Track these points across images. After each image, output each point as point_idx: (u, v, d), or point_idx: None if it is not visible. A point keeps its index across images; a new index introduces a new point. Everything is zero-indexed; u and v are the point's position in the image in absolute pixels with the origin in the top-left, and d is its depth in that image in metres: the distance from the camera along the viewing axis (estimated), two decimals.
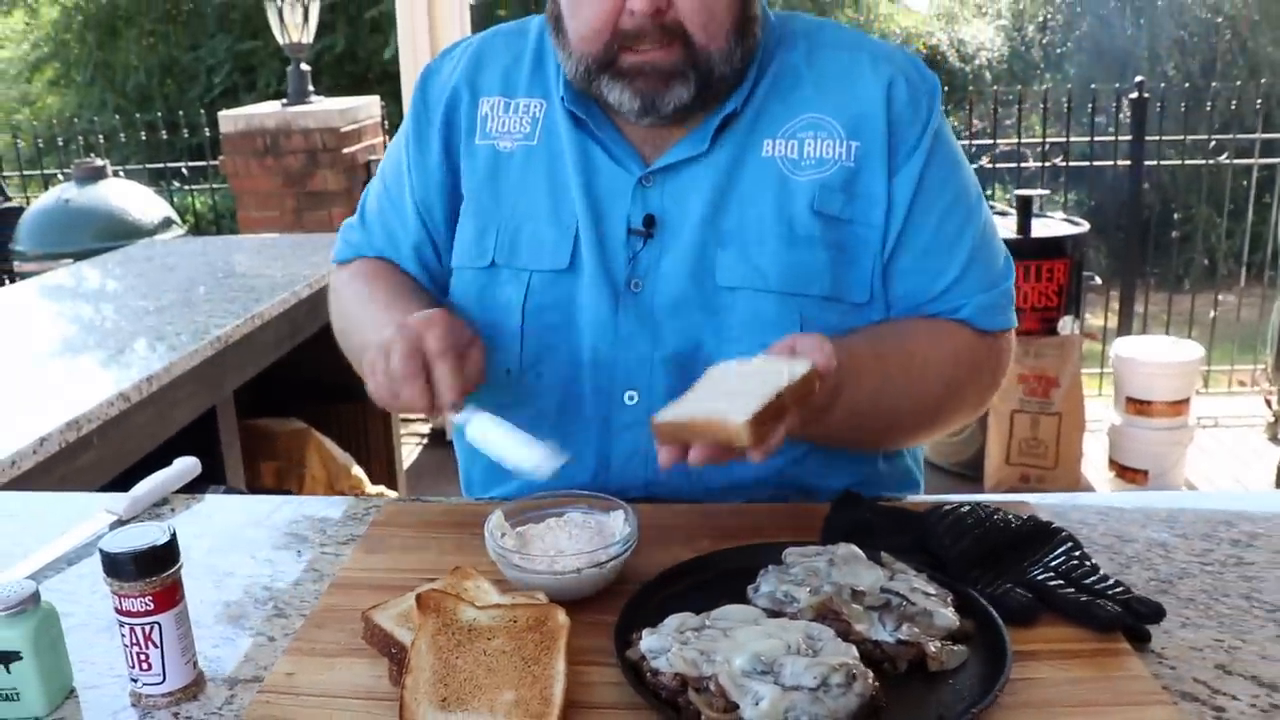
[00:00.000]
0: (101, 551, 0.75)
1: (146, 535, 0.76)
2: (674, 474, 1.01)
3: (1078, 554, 0.85)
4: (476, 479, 1.22)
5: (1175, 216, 5.35)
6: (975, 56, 8.84)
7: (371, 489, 2.88)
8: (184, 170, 4.95)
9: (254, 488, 2.47)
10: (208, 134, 5.13)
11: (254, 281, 2.41)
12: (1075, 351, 3.62)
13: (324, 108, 4.32)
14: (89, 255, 3.33)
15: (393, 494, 3.01)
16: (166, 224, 4.23)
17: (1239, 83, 5.67)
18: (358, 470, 2.85)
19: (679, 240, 1.07)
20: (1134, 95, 4.17)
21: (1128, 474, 3.72)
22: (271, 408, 2.79)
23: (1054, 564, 0.83)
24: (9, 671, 0.76)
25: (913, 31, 9.18)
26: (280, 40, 4.40)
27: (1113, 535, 1.00)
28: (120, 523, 1.10)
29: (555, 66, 1.13)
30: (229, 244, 3.06)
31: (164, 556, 0.76)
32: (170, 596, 0.77)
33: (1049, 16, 8.97)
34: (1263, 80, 6.75)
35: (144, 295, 2.30)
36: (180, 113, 6.36)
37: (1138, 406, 3.67)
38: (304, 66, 4.42)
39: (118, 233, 4.02)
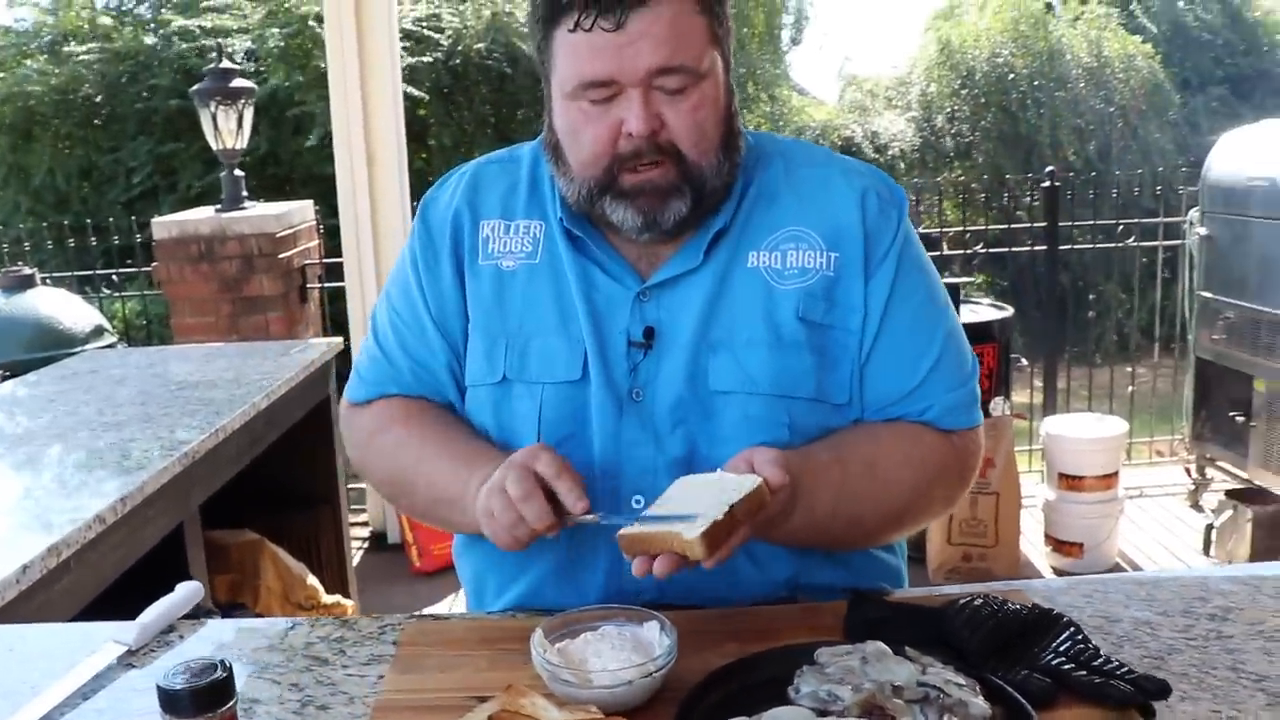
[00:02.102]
0: (160, 689, 0.76)
1: (202, 670, 0.77)
2: (684, 578, 1.06)
3: (1080, 637, 0.91)
4: (491, 587, 1.23)
5: (1090, 297, 5.63)
6: (889, 147, 9.23)
7: (327, 598, 2.83)
8: (114, 276, 4.88)
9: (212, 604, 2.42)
10: (137, 238, 5.09)
11: (209, 393, 2.40)
12: (1008, 431, 3.76)
13: (259, 213, 4.34)
14: (20, 366, 3.26)
15: (349, 602, 2.96)
16: (98, 332, 4.15)
17: (1140, 171, 6.02)
18: (313, 580, 2.81)
19: (675, 349, 1.13)
20: (1046, 183, 4.42)
21: (1064, 548, 3.84)
22: (219, 519, 2.74)
23: (1062, 649, 0.89)
24: None
25: (827, 124, 9.55)
26: (214, 146, 4.41)
27: (1100, 616, 1.07)
28: (130, 653, 1.10)
29: (550, 190, 1.19)
30: (173, 354, 3.03)
31: (223, 690, 0.77)
32: None
33: (955, 108, 9.44)
34: (1159, 168, 7.19)
35: (99, 410, 2.27)
36: (98, 217, 6.30)
37: (1070, 482, 3.81)
38: (238, 172, 4.44)
39: (48, 343, 3.94)
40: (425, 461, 1.18)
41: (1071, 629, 0.92)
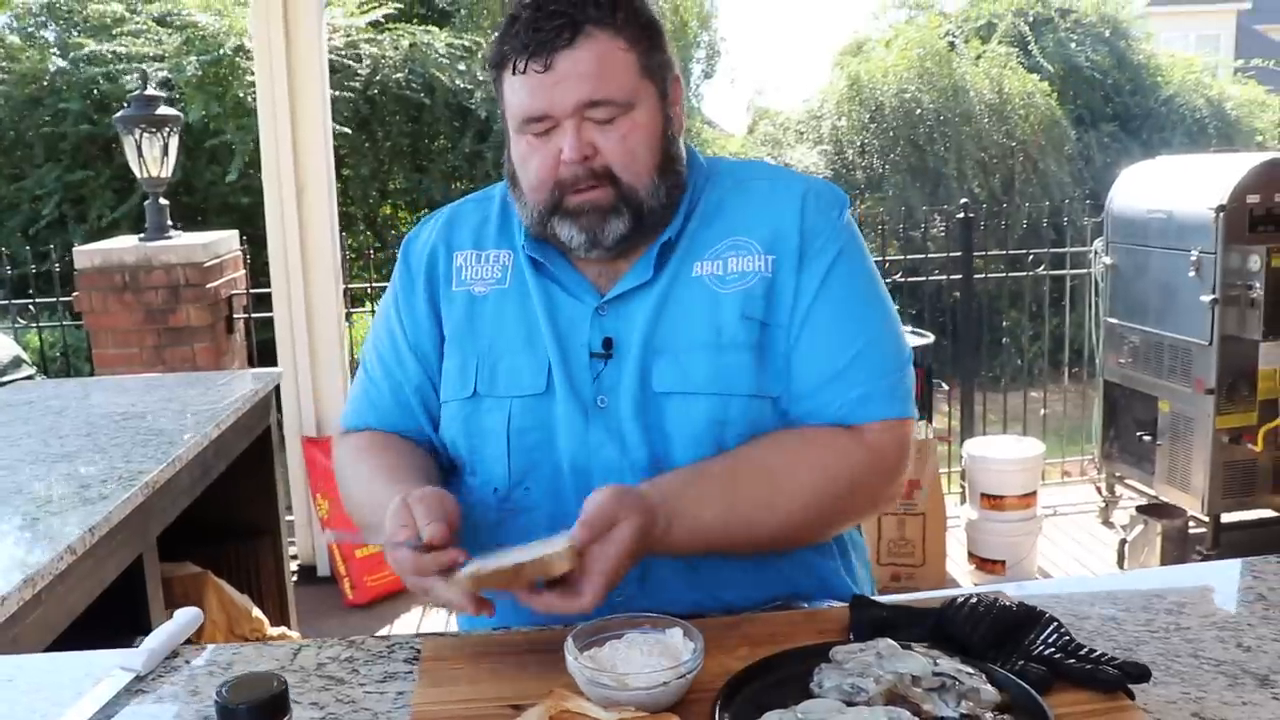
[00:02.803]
0: (219, 705, 0.78)
1: (257, 685, 0.80)
2: (663, 589, 1.18)
3: (1063, 631, 0.99)
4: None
5: (1003, 324, 5.87)
6: None
7: (273, 630, 2.80)
8: (30, 306, 4.74)
9: None
10: (33, 269, 4.94)
11: (158, 423, 2.37)
12: (933, 454, 3.91)
13: (185, 242, 4.27)
14: None
15: (294, 634, 2.93)
16: (16, 364, 4.01)
17: (1042, 204, 6.31)
18: (258, 612, 2.77)
19: (629, 357, 1.22)
20: (960, 215, 4.61)
21: (987, 565, 4.00)
22: (160, 553, 2.70)
23: (1051, 640, 0.96)
24: None
25: (740, 156, 9.77)
26: (138, 174, 4.33)
27: (1070, 615, 1.15)
28: (138, 679, 1.10)
29: (518, 223, 1.29)
30: (110, 384, 2.97)
31: (280, 705, 0.79)
32: None
33: (865, 141, 9.74)
34: (1058, 200, 7.54)
35: (43, 441, 2.23)
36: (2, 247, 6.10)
37: (991, 501, 3.97)
38: (162, 201, 4.36)
39: None
40: (361, 497, 1.27)
41: (1055, 624, 1.00)
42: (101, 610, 1.78)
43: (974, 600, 1.01)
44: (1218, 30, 21.43)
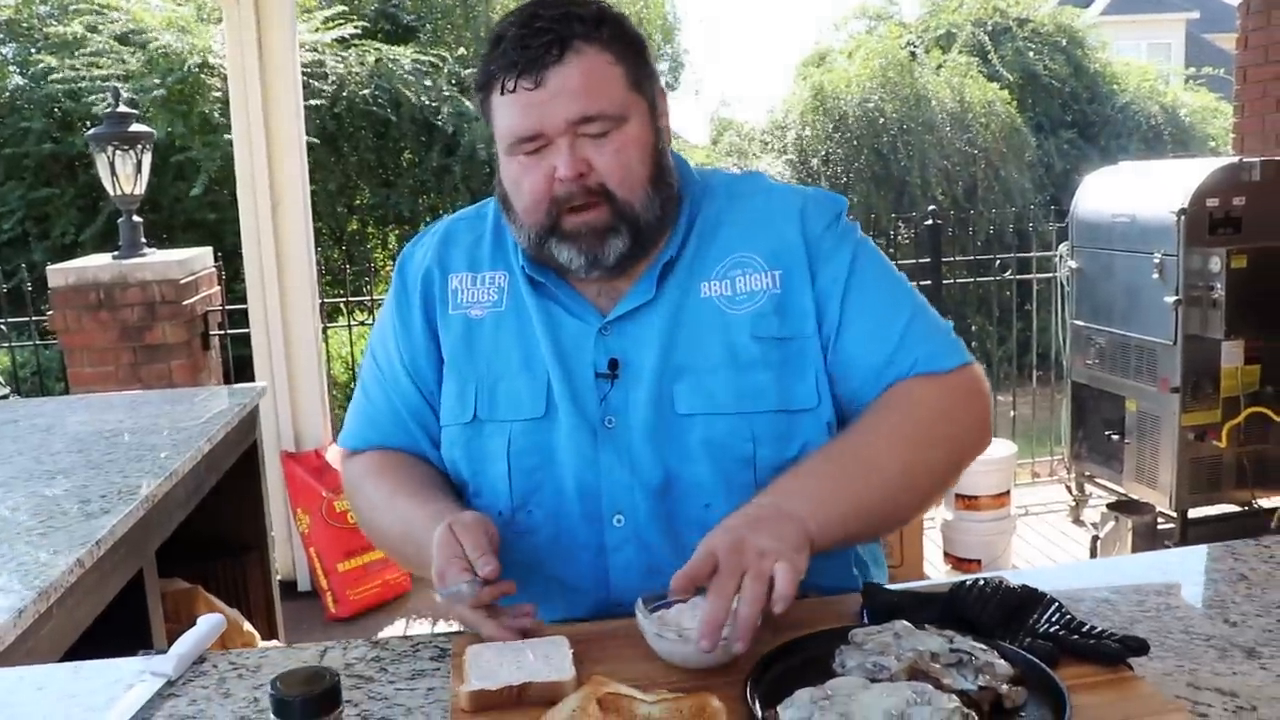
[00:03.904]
0: (273, 697, 0.81)
1: (310, 679, 0.83)
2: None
3: (1064, 610, 1.05)
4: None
5: (972, 328, 5.98)
6: None
7: (265, 644, 2.80)
8: (2, 327, 4.70)
9: None
10: (2, 287, 4.89)
11: (149, 439, 2.38)
12: None
13: (161, 259, 4.27)
14: None
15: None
16: None
17: (1006, 210, 6.44)
18: (249, 626, 2.78)
19: (641, 378, 1.23)
20: (929, 221, 4.71)
21: (963, 565, 4.07)
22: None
23: (1054, 619, 1.02)
24: None
25: (705, 166, 9.84)
26: (110, 191, 4.32)
27: (1066, 597, 1.21)
28: (169, 683, 1.13)
29: (512, 241, 1.30)
30: (95, 402, 2.97)
31: (334, 696, 0.82)
32: None
33: (830, 150, 9.86)
34: (1020, 206, 7.69)
35: (36, 459, 2.23)
36: None
37: (966, 502, 4.05)
38: (136, 218, 4.35)
39: None
40: (386, 519, 1.28)
41: (1057, 604, 1.05)
42: (103, 627, 1.79)
43: (981, 583, 1.06)
44: (1169, 39, 21.89)
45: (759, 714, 0.86)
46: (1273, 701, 0.97)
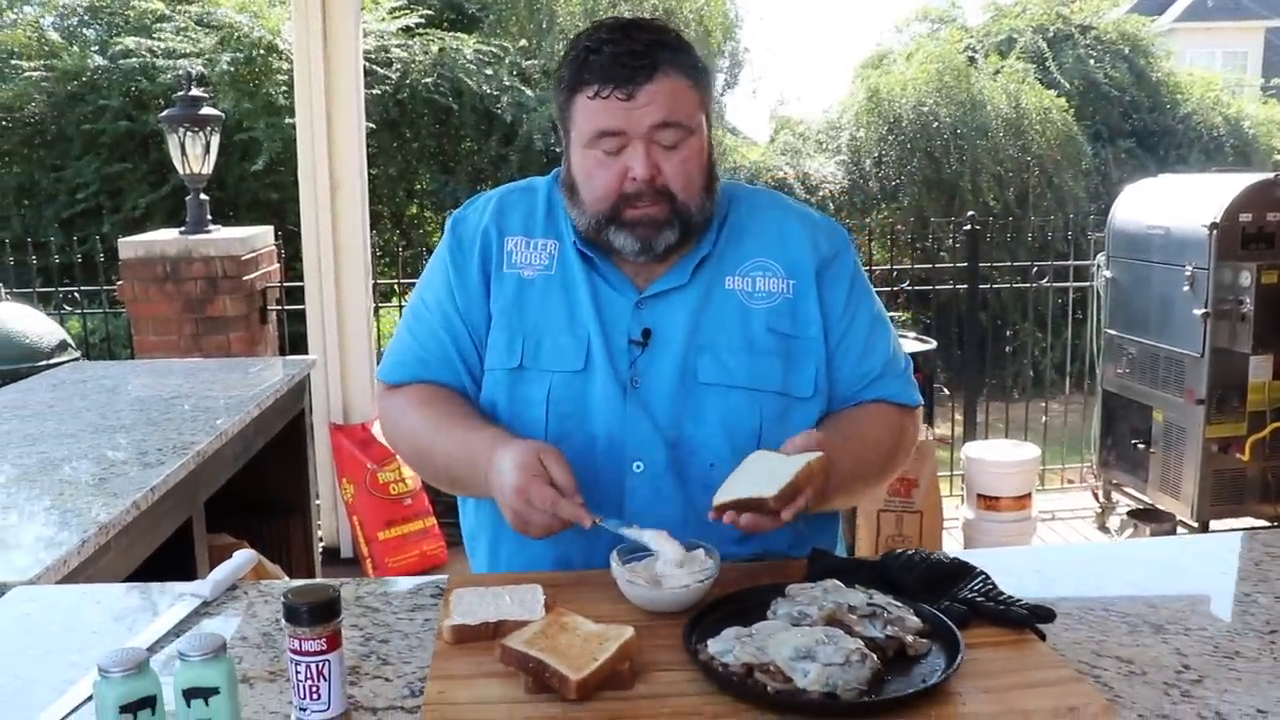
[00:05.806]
0: (285, 605, 0.97)
1: (315, 592, 0.99)
2: (680, 529, 1.32)
3: (990, 582, 1.17)
4: (504, 553, 1.46)
5: (1008, 333, 6.02)
6: (819, 189, 9.65)
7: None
8: (75, 294, 4.98)
9: None
10: (77, 256, 5.18)
11: (204, 401, 2.58)
12: (931, 455, 4.07)
13: (224, 236, 4.49)
14: None
15: None
16: (63, 347, 4.25)
17: (1051, 217, 6.47)
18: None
19: (669, 349, 1.41)
20: (968, 226, 4.78)
21: None
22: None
23: (975, 587, 1.14)
24: (208, 705, 0.96)
25: (760, 165, 9.94)
26: (180, 170, 4.56)
27: (1002, 574, 1.33)
28: (205, 604, 1.30)
29: (563, 215, 1.47)
30: (159, 367, 3.19)
31: (334, 607, 0.98)
32: (336, 639, 0.99)
33: (883, 153, 9.90)
34: (1071, 214, 7.68)
35: (101, 415, 2.43)
36: (33, 235, 6.31)
37: (987, 502, 4.13)
38: (203, 196, 4.58)
39: (13, 356, 4.03)
40: (440, 442, 1.43)
41: (983, 575, 1.17)
42: (153, 570, 1.98)
43: (911, 553, 1.19)
44: (1246, 47, 21.42)
45: (691, 645, 1.00)
46: (1163, 669, 1.08)
